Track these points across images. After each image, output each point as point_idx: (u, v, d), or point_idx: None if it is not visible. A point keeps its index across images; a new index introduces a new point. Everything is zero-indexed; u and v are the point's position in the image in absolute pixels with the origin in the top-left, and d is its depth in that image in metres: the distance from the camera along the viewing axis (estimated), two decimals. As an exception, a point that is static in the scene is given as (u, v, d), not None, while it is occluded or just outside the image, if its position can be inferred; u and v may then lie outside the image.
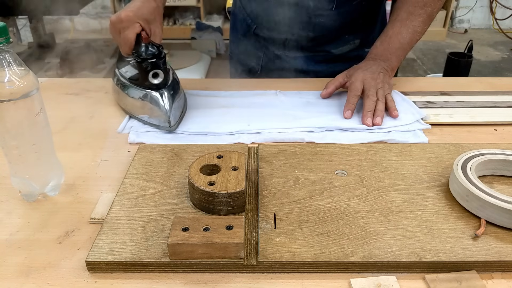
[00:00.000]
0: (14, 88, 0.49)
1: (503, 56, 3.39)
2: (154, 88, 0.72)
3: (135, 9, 0.70)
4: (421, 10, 0.82)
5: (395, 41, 0.83)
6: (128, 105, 0.77)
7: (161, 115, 0.72)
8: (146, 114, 0.74)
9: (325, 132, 0.72)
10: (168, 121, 0.71)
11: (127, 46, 0.71)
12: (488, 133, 0.74)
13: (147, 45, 0.71)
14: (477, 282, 0.44)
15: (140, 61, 0.71)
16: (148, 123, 0.74)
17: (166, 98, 0.72)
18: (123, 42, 0.71)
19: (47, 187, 0.56)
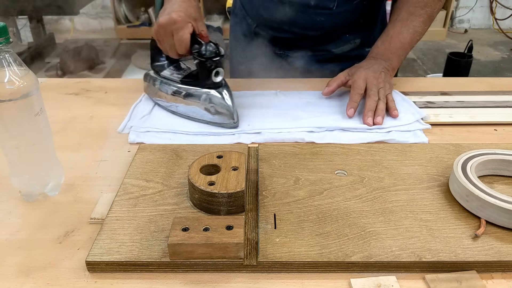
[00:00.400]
0: (14, 88, 0.49)
1: (503, 56, 3.39)
2: (214, 87, 0.72)
3: (183, 9, 0.70)
4: (421, 10, 0.82)
5: (396, 41, 0.83)
6: (182, 107, 0.76)
7: (225, 112, 0.72)
8: (208, 114, 0.73)
9: (325, 132, 0.72)
10: (232, 117, 0.72)
11: (182, 47, 0.70)
12: (488, 133, 0.74)
13: (207, 44, 0.70)
14: (477, 282, 0.44)
15: (204, 60, 0.70)
16: (210, 122, 0.74)
17: (228, 95, 0.73)
18: (178, 43, 0.70)
19: (47, 187, 0.56)
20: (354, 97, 0.77)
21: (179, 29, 0.69)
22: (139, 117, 0.77)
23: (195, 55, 0.70)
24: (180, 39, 0.69)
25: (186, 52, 0.71)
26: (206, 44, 0.70)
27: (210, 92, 0.73)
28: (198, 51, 0.70)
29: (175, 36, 0.70)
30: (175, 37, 0.70)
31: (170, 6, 0.71)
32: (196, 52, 0.70)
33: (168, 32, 0.70)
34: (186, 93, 0.75)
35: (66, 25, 3.84)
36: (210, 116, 0.74)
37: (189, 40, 0.70)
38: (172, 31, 0.70)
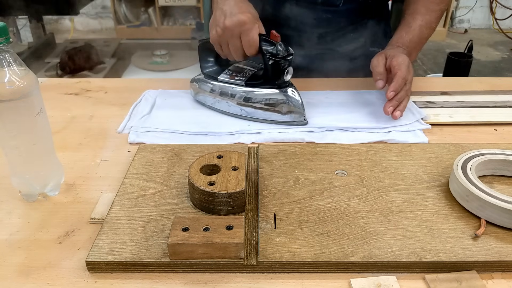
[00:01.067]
0: (14, 88, 0.49)
1: (503, 56, 3.39)
2: (283, 86, 0.72)
3: (246, 10, 0.68)
4: (437, 6, 0.83)
5: (417, 35, 0.82)
6: (248, 110, 0.75)
7: (296, 110, 0.72)
8: (278, 113, 0.73)
9: (325, 132, 0.72)
10: (304, 115, 0.73)
11: (252, 49, 0.68)
12: (488, 133, 0.74)
13: (278, 43, 0.69)
14: (477, 282, 0.44)
15: (279, 60, 0.69)
16: (279, 122, 0.74)
17: (297, 93, 0.73)
18: (247, 44, 0.68)
19: (47, 187, 0.56)
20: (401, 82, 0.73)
21: (248, 30, 0.67)
22: (139, 117, 0.77)
23: (268, 55, 0.69)
24: (250, 41, 0.68)
25: (254, 55, 0.70)
26: (278, 43, 0.69)
27: (280, 91, 0.72)
28: (271, 52, 0.69)
29: (244, 37, 0.68)
30: (244, 38, 0.68)
31: (228, 7, 0.69)
32: (269, 52, 0.69)
33: (235, 34, 0.68)
34: (253, 95, 0.74)
35: (66, 25, 3.84)
36: (279, 116, 0.73)
37: (258, 41, 0.68)
38: (240, 33, 0.68)
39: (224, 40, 0.70)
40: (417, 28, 0.82)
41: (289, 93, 0.72)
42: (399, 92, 0.74)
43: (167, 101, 0.83)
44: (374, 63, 0.77)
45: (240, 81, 0.76)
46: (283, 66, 0.70)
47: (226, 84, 0.77)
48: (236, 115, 0.77)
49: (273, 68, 0.70)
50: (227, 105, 0.77)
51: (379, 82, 0.76)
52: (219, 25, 0.69)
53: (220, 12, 0.69)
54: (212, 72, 0.80)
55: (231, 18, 0.67)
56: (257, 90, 0.74)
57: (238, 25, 0.67)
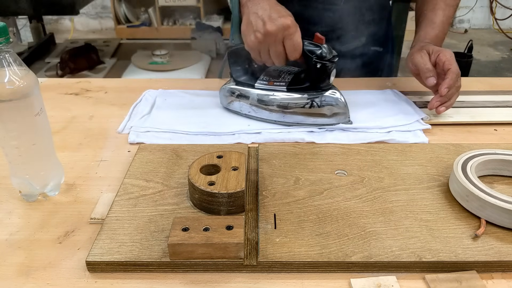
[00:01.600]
0: (14, 88, 0.49)
1: (503, 56, 3.39)
2: (326, 89, 0.72)
3: (286, 13, 0.66)
4: (454, 1, 0.83)
5: (441, 30, 0.82)
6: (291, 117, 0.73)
7: (342, 112, 0.72)
8: (324, 116, 0.72)
9: (325, 132, 0.72)
10: (348, 116, 0.72)
11: (297, 53, 0.67)
12: (488, 133, 0.74)
13: (322, 46, 0.68)
14: (477, 282, 0.44)
15: (326, 62, 0.69)
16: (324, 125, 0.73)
17: (340, 94, 0.72)
18: (292, 49, 0.66)
19: (47, 187, 0.56)
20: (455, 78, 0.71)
21: (292, 35, 0.65)
22: (139, 117, 0.77)
23: (315, 58, 0.68)
24: (295, 45, 0.66)
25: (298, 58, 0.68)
26: (323, 46, 0.68)
27: (326, 93, 0.71)
28: (318, 55, 0.68)
29: (288, 41, 0.66)
30: (288, 42, 0.66)
31: (263, 11, 0.66)
32: (316, 55, 0.68)
33: (278, 39, 0.66)
34: (297, 100, 0.72)
35: (66, 25, 3.84)
36: (325, 119, 0.72)
37: (302, 45, 0.67)
38: (283, 37, 0.66)
39: (265, 45, 0.68)
40: (440, 24, 0.82)
41: (333, 94, 0.71)
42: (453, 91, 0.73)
43: (167, 101, 0.83)
44: (419, 60, 0.75)
45: (281, 87, 0.74)
46: (329, 68, 0.69)
47: (266, 91, 0.74)
48: (277, 121, 0.74)
49: (320, 71, 0.69)
50: (268, 113, 0.74)
51: (431, 79, 0.73)
52: (258, 30, 0.66)
53: (256, 17, 0.67)
54: (247, 80, 0.77)
55: (273, 22, 0.65)
56: (300, 94, 0.72)
57: (282, 29, 0.65)
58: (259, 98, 0.75)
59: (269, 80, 0.75)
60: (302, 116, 0.73)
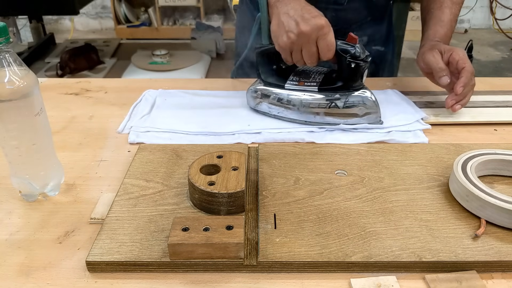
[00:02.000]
0: (14, 88, 0.49)
1: (503, 56, 3.39)
2: (358, 89, 0.71)
3: (318, 13, 0.66)
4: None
5: (450, 29, 0.82)
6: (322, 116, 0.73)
7: (373, 112, 0.71)
8: (356, 116, 0.72)
9: (325, 132, 0.72)
10: (380, 115, 0.72)
11: (330, 53, 0.66)
12: (488, 133, 0.74)
13: (356, 45, 0.68)
14: (477, 282, 0.44)
15: (359, 62, 0.68)
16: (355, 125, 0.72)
17: (371, 93, 0.71)
18: (326, 49, 0.66)
19: (47, 187, 0.56)
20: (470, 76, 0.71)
21: (325, 35, 0.65)
22: (139, 117, 0.77)
23: (349, 58, 0.68)
24: (328, 45, 0.65)
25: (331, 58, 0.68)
26: (356, 45, 0.68)
27: (358, 93, 0.71)
28: (352, 55, 0.68)
29: (321, 42, 0.65)
30: (322, 42, 0.65)
31: (294, 11, 0.66)
32: (350, 55, 0.68)
33: (312, 39, 0.65)
34: (329, 100, 0.71)
35: (66, 25, 3.84)
36: (357, 119, 0.72)
37: (335, 45, 0.66)
38: (317, 38, 0.65)
39: (298, 46, 0.67)
40: (449, 22, 0.82)
41: (365, 94, 0.71)
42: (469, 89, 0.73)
43: (167, 101, 0.83)
44: (432, 59, 0.74)
45: (312, 87, 0.73)
46: (363, 68, 0.69)
47: (297, 92, 0.74)
48: (308, 122, 0.74)
49: (353, 71, 0.69)
50: (299, 114, 0.74)
51: (445, 78, 0.73)
52: (291, 30, 0.66)
53: (288, 17, 0.66)
54: (276, 80, 0.77)
55: (307, 23, 0.64)
56: (332, 94, 0.72)
57: (316, 29, 0.65)
58: (289, 99, 0.74)
59: (299, 80, 0.75)
60: (333, 117, 0.72)
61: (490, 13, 3.87)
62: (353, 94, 0.71)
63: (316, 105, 0.72)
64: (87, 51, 2.73)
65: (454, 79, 0.74)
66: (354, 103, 0.71)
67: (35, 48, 2.84)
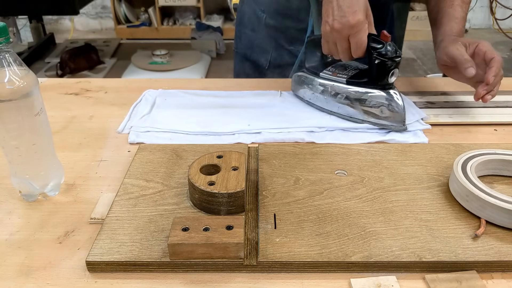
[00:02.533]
0: (14, 88, 0.49)
1: (503, 56, 3.39)
2: (386, 88, 0.71)
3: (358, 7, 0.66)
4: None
5: (463, 25, 0.82)
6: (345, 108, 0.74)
7: (397, 114, 0.71)
8: (377, 116, 0.72)
9: (325, 132, 0.72)
10: (404, 120, 0.71)
11: (360, 51, 0.68)
12: (488, 133, 0.74)
13: (388, 44, 0.68)
14: (477, 282, 0.44)
15: (386, 60, 0.68)
16: (376, 124, 0.72)
17: (400, 97, 0.71)
18: (355, 46, 0.67)
19: (47, 187, 0.56)
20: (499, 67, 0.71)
21: (357, 32, 0.66)
22: (139, 117, 0.77)
23: (376, 54, 0.68)
24: (358, 43, 0.67)
25: (362, 56, 0.68)
26: (387, 43, 0.68)
27: (382, 93, 0.71)
28: (379, 52, 0.68)
29: (353, 39, 0.67)
30: (353, 40, 0.67)
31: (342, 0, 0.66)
32: (377, 52, 0.68)
33: (344, 36, 0.67)
34: (353, 93, 0.73)
35: (66, 25, 3.84)
36: (378, 119, 0.72)
37: (366, 44, 0.67)
38: (348, 35, 0.67)
39: (332, 39, 0.69)
40: (462, 19, 0.82)
41: (392, 95, 0.70)
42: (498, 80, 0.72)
43: (167, 101, 0.83)
44: (456, 52, 0.74)
45: (342, 79, 0.74)
46: (389, 67, 0.69)
47: (327, 81, 0.76)
48: (333, 112, 0.76)
49: (379, 68, 0.69)
50: (325, 102, 0.76)
51: (471, 70, 0.72)
52: (328, 22, 0.68)
53: (329, 7, 0.68)
54: (315, 68, 0.79)
55: (340, 20, 0.66)
56: (357, 89, 0.72)
57: (348, 27, 0.66)
58: (319, 86, 0.77)
59: (334, 71, 0.77)
60: (356, 111, 0.73)
61: (490, 13, 3.87)
62: (378, 93, 0.71)
63: (341, 96, 0.74)
64: (87, 51, 2.74)
65: (479, 71, 0.73)
66: (377, 102, 0.71)
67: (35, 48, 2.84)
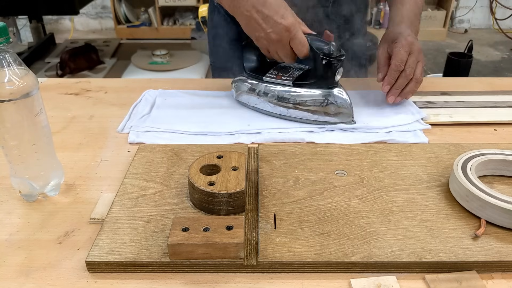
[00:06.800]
0: (14, 88, 0.49)
1: (503, 56, 3.39)
2: (332, 87, 0.72)
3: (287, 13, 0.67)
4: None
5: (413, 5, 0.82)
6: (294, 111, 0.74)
7: (345, 111, 0.72)
8: (326, 114, 0.73)
9: (325, 132, 0.72)
10: (352, 115, 0.72)
11: (305, 49, 0.68)
12: (488, 133, 0.74)
13: (330, 43, 0.69)
14: (477, 282, 0.44)
15: (332, 60, 0.69)
16: (326, 123, 0.73)
17: (345, 93, 0.72)
18: (300, 46, 0.68)
19: (47, 187, 0.56)
20: (393, 74, 0.74)
21: (295, 34, 0.67)
22: (138, 117, 0.77)
23: (321, 55, 0.69)
24: (300, 42, 0.67)
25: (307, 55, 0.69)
26: (331, 43, 0.69)
27: (329, 92, 0.71)
28: (325, 52, 0.68)
29: (293, 41, 0.67)
30: (294, 41, 0.67)
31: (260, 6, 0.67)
32: (323, 52, 0.68)
33: (284, 43, 0.68)
34: (301, 95, 0.73)
35: (66, 25, 3.84)
36: (328, 117, 0.73)
37: (307, 42, 0.68)
38: (289, 40, 0.67)
39: (273, 49, 0.70)
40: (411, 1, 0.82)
41: (337, 93, 0.72)
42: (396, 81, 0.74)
43: (167, 101, 0.83)
44: (379, 54, 0.78)
45: (287, 82, 0.74)
46: (335, 66, 0.70)
47: (272, 85, 0.76)
48: (281, 115, 0.75)
49: (326, 68, 0.70)
50: (272, 106, 0.75)
51: (378, 76, 0.77)
52: (262, 37, 0.68)
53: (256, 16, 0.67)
54: (256, 72, 0.79)
55: (275, 28, 0.66)
56: (305, 90, 0.73)
57: (285, 32, 0.66)
58: (265, 91, 0.76)
59: (277, 74, 0.76)
60: (305, 112, 0.73)
61: (490, 13, 3.87)
62: (326, 92, 0.72)
63: (288, 99, 0.74)
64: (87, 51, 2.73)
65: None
66: (325, 101, 0.72)
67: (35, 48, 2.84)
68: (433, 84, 0.94)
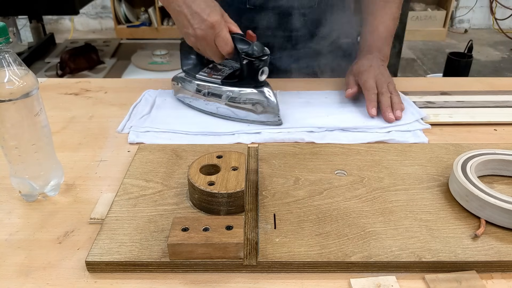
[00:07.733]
0: (14, 88, 0.49)
1: (503, 56, 3.39)
2: (258, 86, 0.73)
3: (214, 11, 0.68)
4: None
5: (382, 30, 0.84)
6: (223, 109, 0.75)
7: (271, 110, 0.73)
8: (253, 113, 0.73)
9: (325, 132, 0.72)
10: (278, 115, 0.73)
11: (228, 47, 0.69)
12: (488, 133, 0.74)
13: (254, 44, 0.69)
14: (477, 282, 0.44)
15: (253, 60, 0.69)
16: (254, 121, 0.74)
17: (272, 93, 0.73)
18: (223, 44, 0.68)
19: (47, 187, 0.56)
20: (372, 97, 0.77)
21: (219, 32, 0.68)
22: (138, 117, 0.77)
23: (243, 55, 0.69)
24: (223, 40, 0.68)
25: (231, 54, 0.70)
26: (253, 43, 0.69)
27: (255, 91, 0.72)
28: (246, 52, 0.69)
29: (218, 38, 0.68)
30: (218, 39, 0.68)
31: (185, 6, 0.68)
32: (244, 52, 0.69)
33: (209, 40, 0.68)
34: (229, 94, 0.74)
35: (66, 25, 3.84)
36: (254, 115, 0.73)
37: (231, 40, 0.68)
38: (214, 37, 0.68)
39: (200, 45, 0.71)
40: (379, 24, 0.84)
41: (264, 93, 0.73)
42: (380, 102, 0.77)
43: (167, 101, 0.83)
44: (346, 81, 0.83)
45: (216, 80, 0.76)
46: (257, 66, 0.70)
47: (203, 82, 0.78)
48: (212, 113, 0.77)
49: (248, 67, 0.71)
50: (204, 103, 0.77)
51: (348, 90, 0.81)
52: (190, 34, 0.69)
53: (183, 14, 0.69)
54: (192, 70, 0.81)
55: (201, 25, 0.67)
56: (232, 89, 0.74)
57: (210, 29, 0.67)
58: (197, 88, 0.78)
59: (209, 72, 0.79)
60: (234, 110, 0.75)
61: (490, 13, 3.87)
62: (251, 91, 0.73)
63: (217, 97, 0.75)
64: (87, 51, 2.73)
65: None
66: (250, 100, 0.73)
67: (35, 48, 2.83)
68: (433, 84, 0.94)
